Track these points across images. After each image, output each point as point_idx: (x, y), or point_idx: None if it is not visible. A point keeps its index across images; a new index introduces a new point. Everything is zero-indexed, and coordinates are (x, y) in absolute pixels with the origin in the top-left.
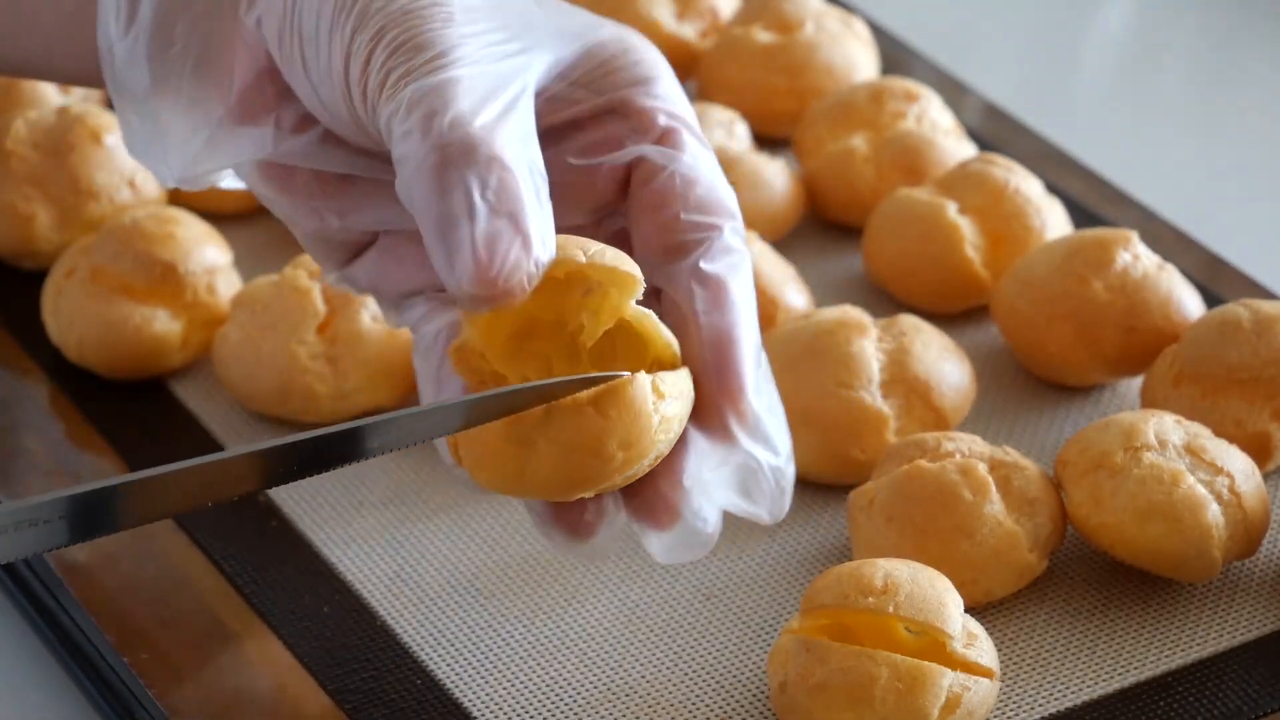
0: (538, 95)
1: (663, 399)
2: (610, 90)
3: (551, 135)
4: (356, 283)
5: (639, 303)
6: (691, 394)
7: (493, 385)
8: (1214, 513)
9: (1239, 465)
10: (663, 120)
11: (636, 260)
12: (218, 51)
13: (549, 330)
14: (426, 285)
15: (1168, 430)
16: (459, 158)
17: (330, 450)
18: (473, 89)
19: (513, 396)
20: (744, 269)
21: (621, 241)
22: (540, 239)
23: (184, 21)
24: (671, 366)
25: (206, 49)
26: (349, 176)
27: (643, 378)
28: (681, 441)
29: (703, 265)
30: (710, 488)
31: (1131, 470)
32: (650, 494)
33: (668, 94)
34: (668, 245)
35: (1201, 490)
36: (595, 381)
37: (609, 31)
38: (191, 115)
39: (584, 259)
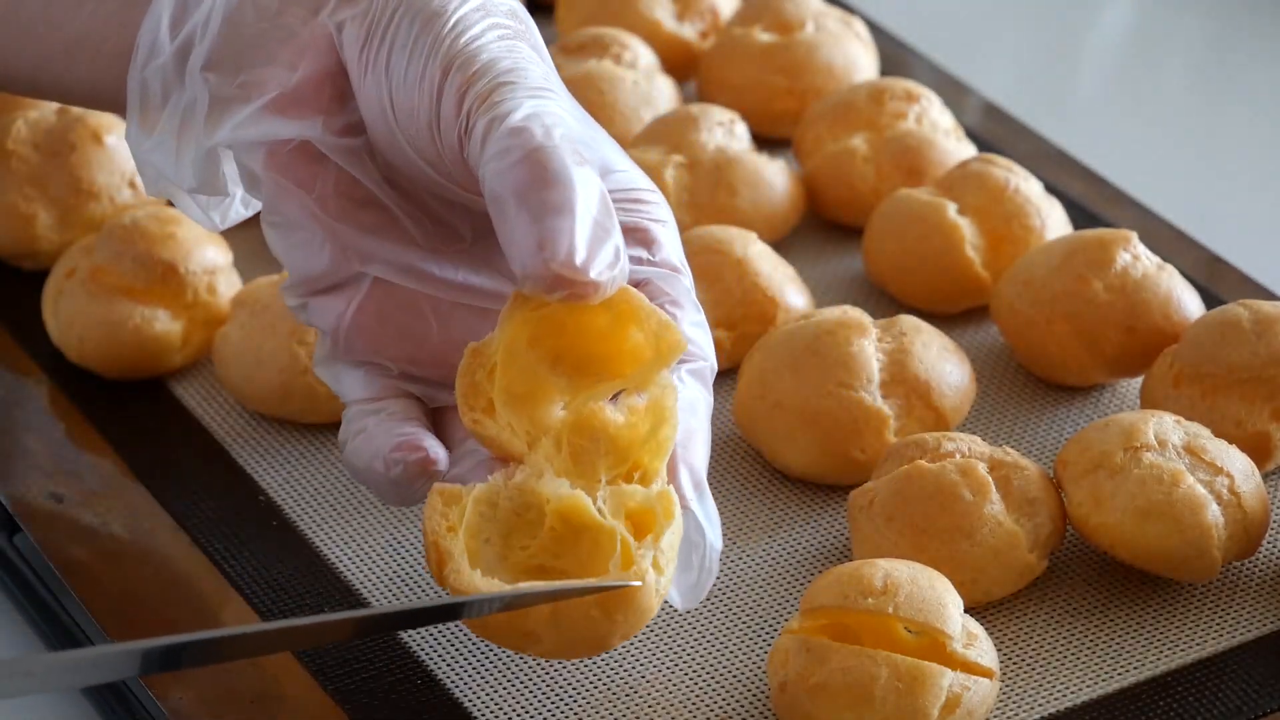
0: None
1: (662, 574)
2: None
3: None
4: (317, 319)
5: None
6: (681, 536)
7: (482, 413)
8: (1214, 513)
9: (1239, 465)
10: (660, 256)
11: None
12: (281, 44)
13: (550, 406)
14: (397, 358)
15: (1168, 430)
16: (573, 160)
17: (374, 627)
18: (570, 115)
19: (517, 600)
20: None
21: None
22: (624, 258)
23: (253, 10)
24: (662, 449)
25: (272, 41)
26: (367, 203)
27: (650, 579)
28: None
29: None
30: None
31: (1131, 470)
32: None
33: (667, 240)
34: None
35: (1201, 490)
36: (606, 586)
37: (629, 165)
38: (240, 92)
39: (642, 300)
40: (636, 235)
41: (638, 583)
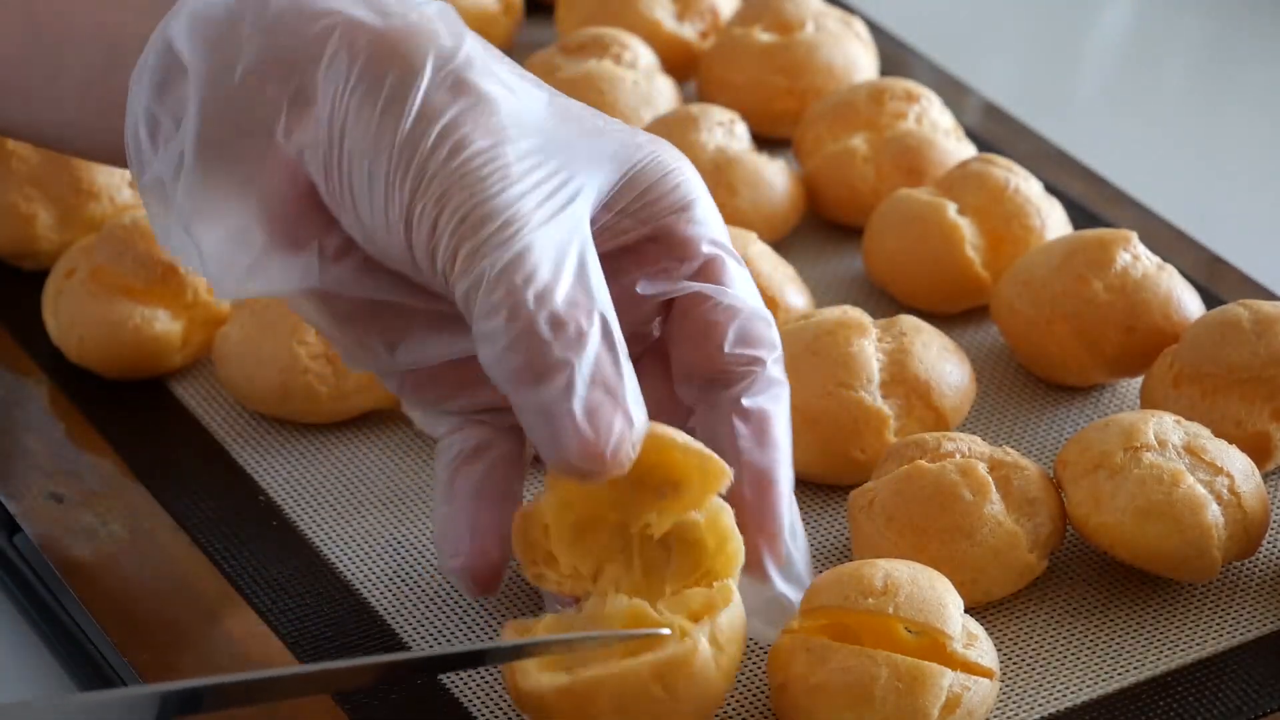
0: (591, 224)
1: (721, 651)
2: (653, 219)
3: (602, 263)
4: (395, 381)
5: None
6: (744, 621)
7: (544, 566)
8: (1214, 513)
9: (1239, 465)
10: (706, 249)
11: (676, 383)
12: (256, 171)
13: (611, 531)
14: (463, 405)
15: (1168, 430)
16: (551, 339)
17: (408, 671)
18: (545, 255)
19: (546, 646)
20: (785, 401)
21: (658, 359)
22: (636, 407)
23: (224, 140)
24: (731, 563)
25: (246, 169)
26: (379, 308)
27: (704, 644)
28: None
29: (745, 401)
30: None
31: (1131, 470)
32: None
33: (706, 218)
34: (710, 375)
35: (1201, 490)
36: (633, 635)
37: (645, 151)
38: (231, 239)
39: (680, 439)
40: (672, 248)
41: (665, 630)
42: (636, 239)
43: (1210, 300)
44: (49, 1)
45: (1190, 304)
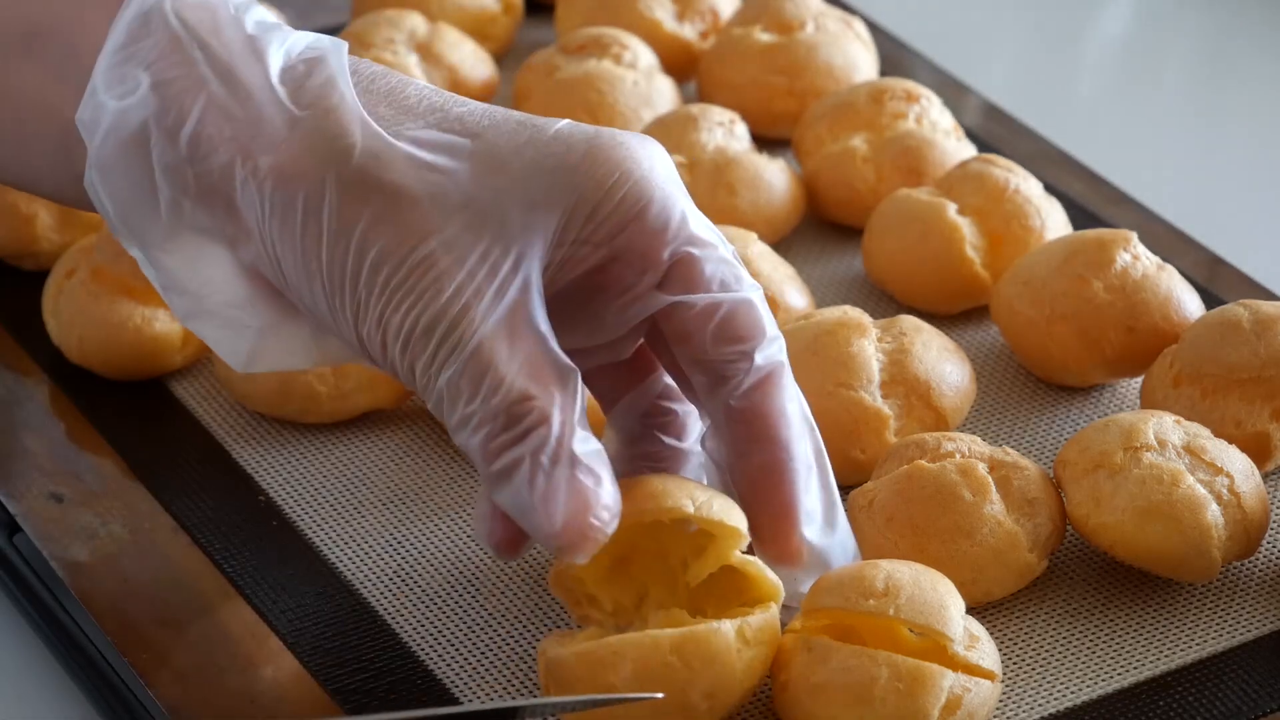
0: (546, 269)
1: (748, 645)
2: (609, 239)
3: (570, 294)
4: None
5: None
6: (777, 629)
7: (587, 607)
8: (1214, 513)
9: (1239, 465)
10: (666, 255)
11: (685, 391)
12: (228, 289)
13: (649, 558)
14: None
15: (1167, 430)
16: (511, 438)
17: None
18: (496, 351)
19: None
20: (784, 385)
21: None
22: (603, 480)
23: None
24: (775, 593)
25: (219, 291)
26: None
27: (728, 626)
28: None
29: (732, 402)
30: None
31: (1131, 470)
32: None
33: (663, 218)
34: (704, 379)
35: (1201, 490)
36: (627, 699)
37: (583, 174)
38: (225, 325)
39: (692, 509)
40: (634, 263)
41: (659, 695)
42: (600, 260)
43: (1210, 300)
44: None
45: (1190, 304)
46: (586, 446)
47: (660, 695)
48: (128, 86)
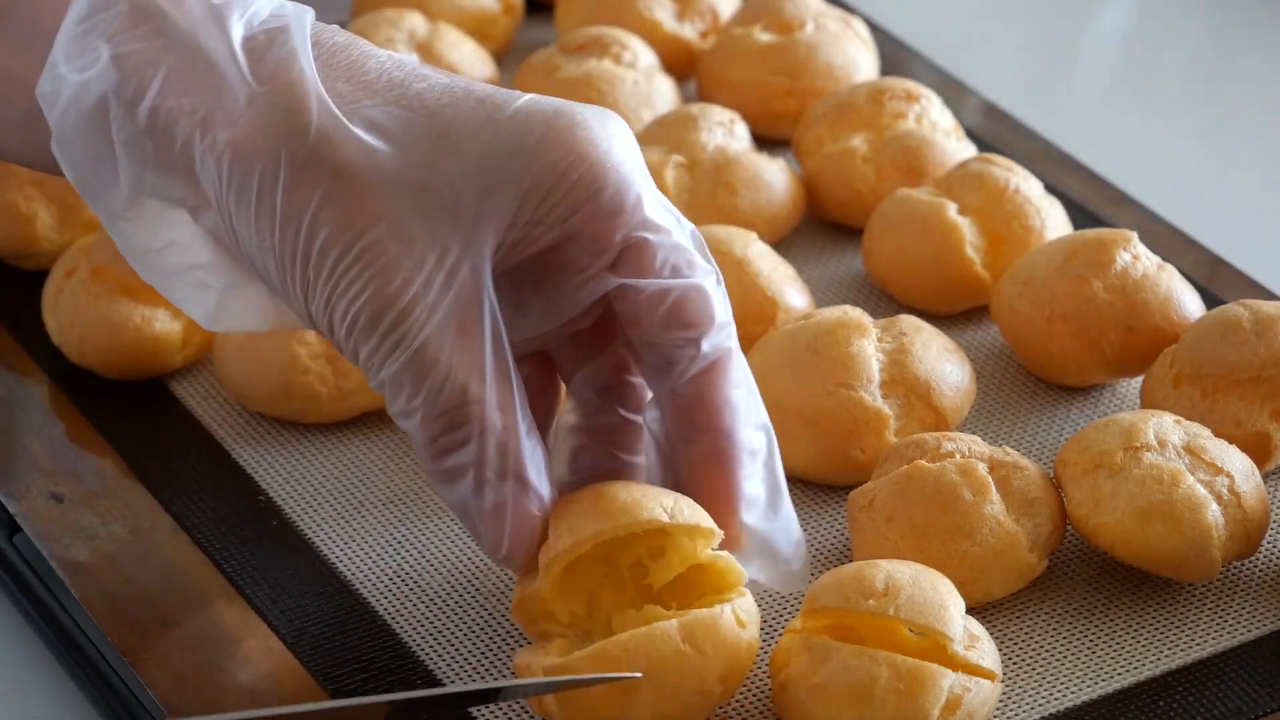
0: (498, 249)
1: (744, 628)
2: (561, 220)
3: (523, 271)
4: None
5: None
6: (757, 611)
7: (544, 624)
8: (1214, 513)
9: (1239, 465)
10: (619, 239)
11: (636, 372)
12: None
13: (591, 562)
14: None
15: (1167, 430)
16: (452, 440)
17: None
18: (440, 347)
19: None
20: (726, 371)
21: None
22: (545, 501)
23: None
24: (738, 582)
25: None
26: None
27: (727, 610)
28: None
29: (678, 389)
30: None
31: (1131, 470)
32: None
33: (616, 201)
34: (652, 362)
35: (1201, 490)
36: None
37: (537, 157)
38: (190, 285)
39: (666, 518)
40: (586, 244)
41: (637, 675)
42: (553, 240)
43: (1210, 300)
44: None
45: (1190, 304)
46: (533, 459)
47: (639, 675)
48: (88, 59)
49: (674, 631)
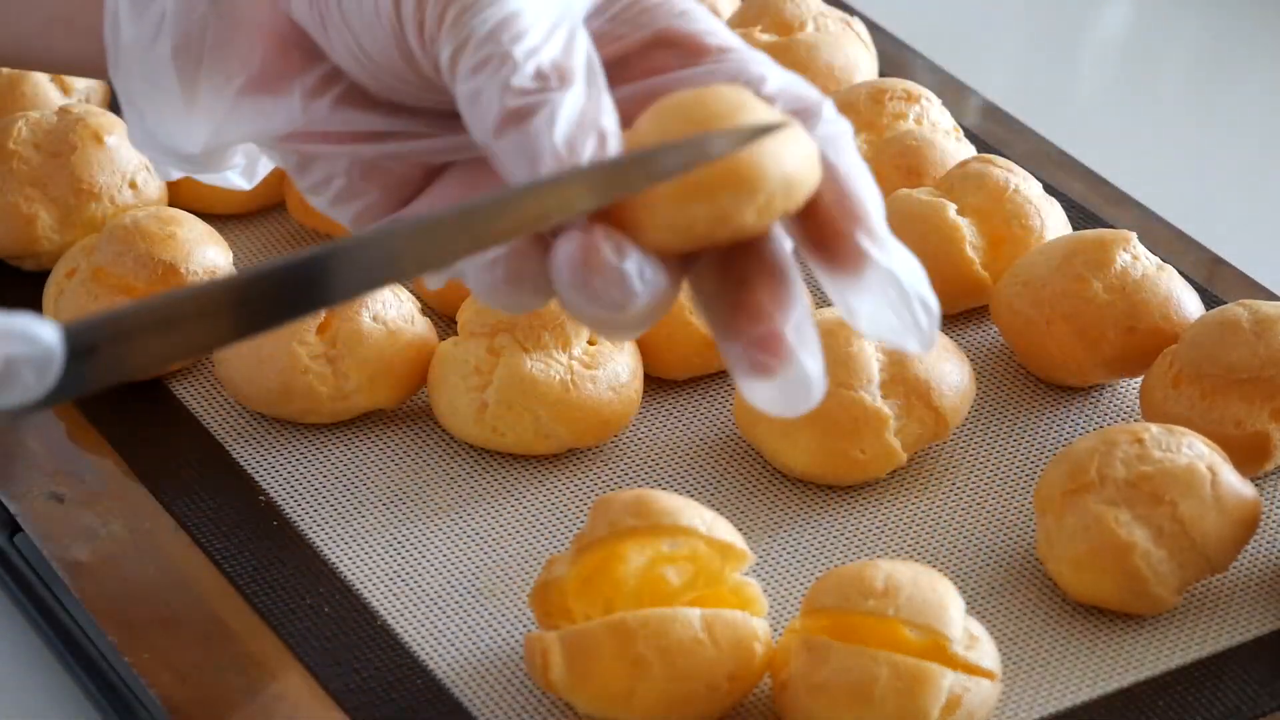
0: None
1: (759, 641)
2: (649, 25)
3: (607, 70)
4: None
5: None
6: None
7: (557, 616)
8: (1143, 553)
9: (1185, 487)
10: (713, 42)
11: None
12: (236, 26)
13: (614, 562)
14: None
15: (1114, 463)
16: (536, 87)
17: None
18: (537, 21)
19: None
20: (851, 147)
21: None
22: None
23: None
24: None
25: (228, 25)
26: (383, 134)
27: (751, 619)
28: (788, 291)
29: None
30: (858, 319)
31: (1065, 517)
32: (759, 335)
33: (709, 22)
34: None
35: (1132, 533)
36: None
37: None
38: (212, 88)
39: (703, 529)
40: (679, 46)
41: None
42: (637, 44)
43: (1210, 300)
44: None
45: (1190, 304)
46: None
47: (788, 122)
48: None
49: (695, 619)
